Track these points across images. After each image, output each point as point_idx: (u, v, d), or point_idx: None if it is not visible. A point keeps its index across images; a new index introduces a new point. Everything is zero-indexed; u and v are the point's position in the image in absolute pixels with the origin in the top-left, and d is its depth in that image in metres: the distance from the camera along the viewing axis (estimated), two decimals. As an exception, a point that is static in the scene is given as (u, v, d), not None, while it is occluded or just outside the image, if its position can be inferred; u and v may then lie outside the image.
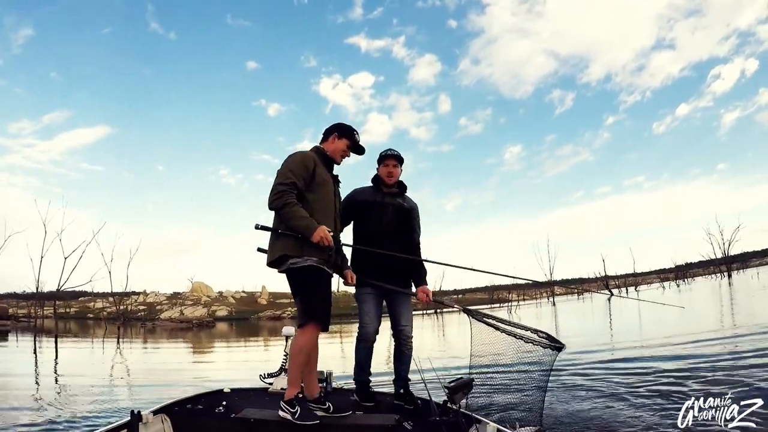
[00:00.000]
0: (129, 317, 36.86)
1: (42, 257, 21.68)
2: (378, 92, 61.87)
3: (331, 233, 2.60)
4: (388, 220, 3.10)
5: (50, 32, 54.24)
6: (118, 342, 16.83)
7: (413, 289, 3.20)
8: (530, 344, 2.89)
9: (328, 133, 2.87)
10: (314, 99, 58.87)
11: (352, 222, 3.21)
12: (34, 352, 12.39)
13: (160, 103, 60.57)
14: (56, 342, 15.45)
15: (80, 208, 62.11)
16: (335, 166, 2.89)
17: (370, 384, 3.15)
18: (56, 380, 7.34)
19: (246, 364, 9.77)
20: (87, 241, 23.71)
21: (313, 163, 2.67)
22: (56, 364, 9.78)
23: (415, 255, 3.18)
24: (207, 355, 12.91)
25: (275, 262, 2.62)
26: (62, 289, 23.42)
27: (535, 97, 61.57)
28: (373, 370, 3.16)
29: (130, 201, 65.17)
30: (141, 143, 62.16)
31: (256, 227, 2.58)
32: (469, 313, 3.09)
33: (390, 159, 3.15)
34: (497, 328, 2.95)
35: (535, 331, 2.94)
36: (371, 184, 3.24)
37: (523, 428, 2.69)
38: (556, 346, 2.89)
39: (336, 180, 2.87)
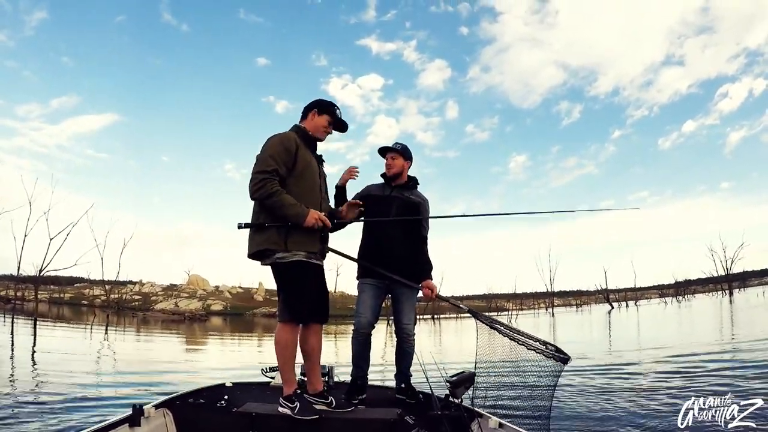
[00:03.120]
0: (123, 306, 36.61)
1: (25, 236, 20.80)
2: (386, 95, 62.27)
3: (324, 215, 2.54)
4: (393, 214, 3.08)
5: (64, 16, 54.70)
6: (106, 331, 16.53)
7: (418, 286, 3.14)
8: (535, 353, 2.80)
9: (306, 111, 2.77)
10: (323, 98, 58.68)
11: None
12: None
13: (168, 94, 61.03)
14: (35, 327, 15.03)
15: (85, 194, 62.20)
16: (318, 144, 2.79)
17: (365, 381, 3.09)
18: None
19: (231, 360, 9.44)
20: (74, 222, 22.56)
21: (294, 145, 2.55)
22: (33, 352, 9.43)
23: (421, 250, 3.14)
24: (194, 352, 12.59)
25: (256, 254, 2.54)
26: (45, 271, 22.54)
27: (543, 107, 61.81)
28: (372, 364, 3.12)
29: (133, 190, 65.37)
30: (147, 133, 62.59)
31: (239, 227, 2.52)
32: (476, 315, 2.95)
33: (387, 151, 3.19)
34: (504, 334, 2.82)
35: (544, 343, 2.84)
36: (383, 181, 3.27)
37: None
38: (562, 357, 2.78)
39: (320, 160, 2.78)
